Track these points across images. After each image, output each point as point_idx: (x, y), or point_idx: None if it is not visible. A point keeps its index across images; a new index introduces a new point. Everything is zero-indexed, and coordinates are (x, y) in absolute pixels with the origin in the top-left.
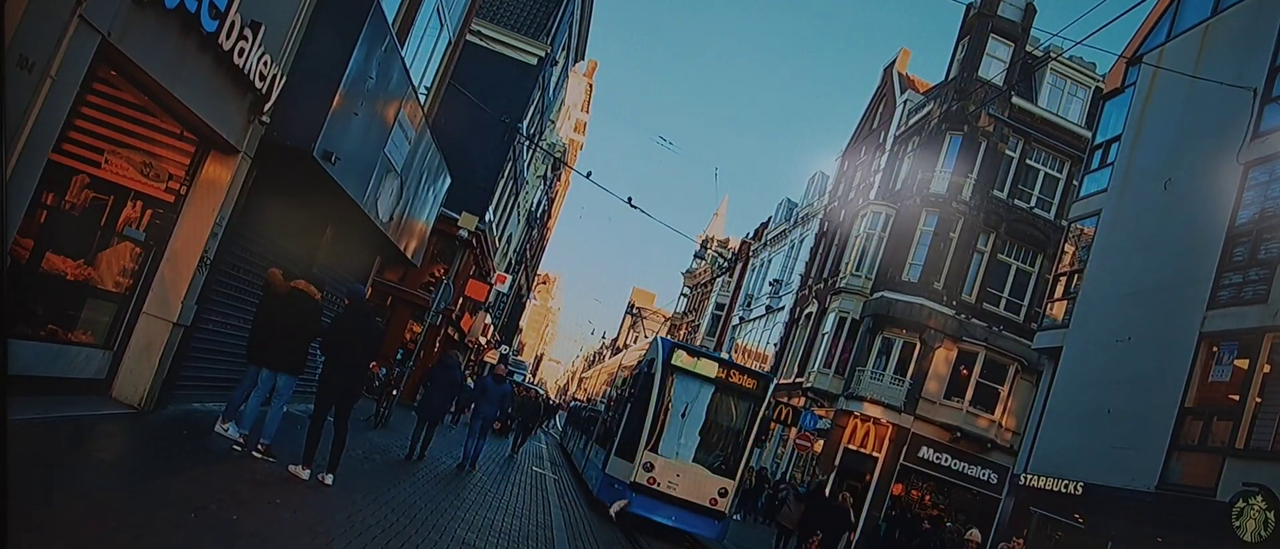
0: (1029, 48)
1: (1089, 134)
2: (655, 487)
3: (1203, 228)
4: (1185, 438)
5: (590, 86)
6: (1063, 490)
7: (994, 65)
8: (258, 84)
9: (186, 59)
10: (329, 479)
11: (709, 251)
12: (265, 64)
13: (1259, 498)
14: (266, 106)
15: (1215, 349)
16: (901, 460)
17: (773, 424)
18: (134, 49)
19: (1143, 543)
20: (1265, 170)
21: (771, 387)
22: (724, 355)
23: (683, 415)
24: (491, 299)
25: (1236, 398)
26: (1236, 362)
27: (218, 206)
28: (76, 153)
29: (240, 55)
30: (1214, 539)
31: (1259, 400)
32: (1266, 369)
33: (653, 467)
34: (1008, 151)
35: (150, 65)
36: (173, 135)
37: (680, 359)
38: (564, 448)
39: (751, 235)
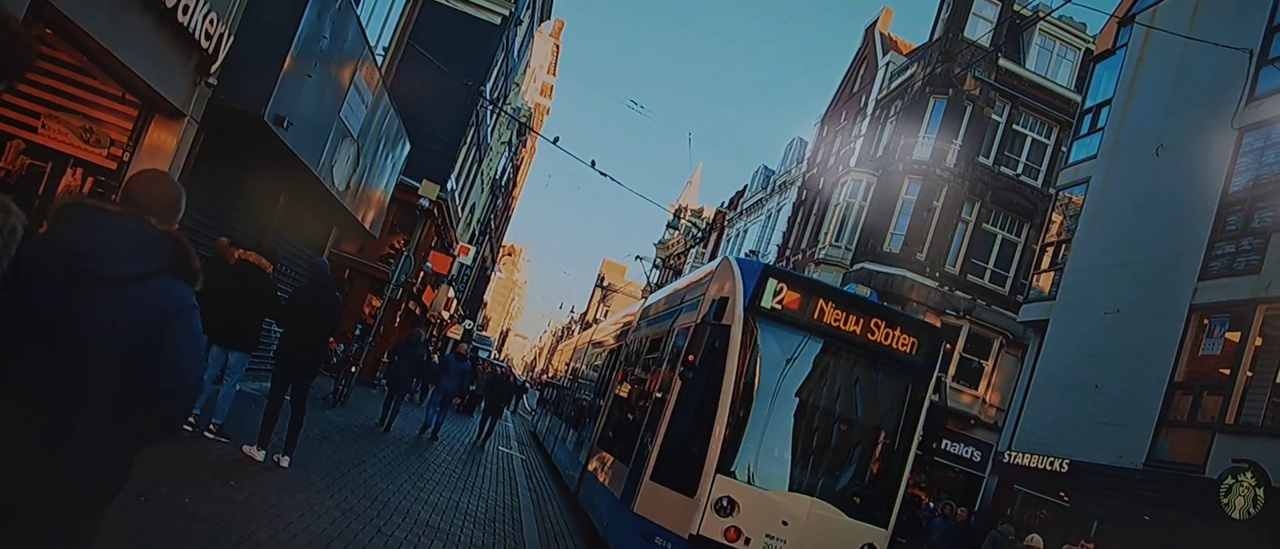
0: (1017, 7)
1: (1078, 98)
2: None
3: (1195, 196)
4: (1174, 413)
5: (557, 47)
6: (1048, 468)
7: (980, 25)
8: (204, 44)
9: (127, 16)
10: (285, 461)
11: (682, 221)
12: (211, 22)
13: (1248, 474)
14: (213, 68)
15: (1206, 322)
16: None
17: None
18: (70, 5)
19: (1129, 521)
20: (1260, 135)
21: (941, 353)
22: (861, 290)
23: (787, 407)
24: (454, 272)
25: (1227, 372)
26: (1228, 334)
27: None
28: (11, 117)
29: (184, 12)
30: (1202, 516)
31: (1250, 374)
32: (1258, 342)
33: (732, 506)
34: (994, 116)
35: (88, 23)
36: (114, 98)
37: (781, 296)
38: (535, 434)
39: (726, 204)
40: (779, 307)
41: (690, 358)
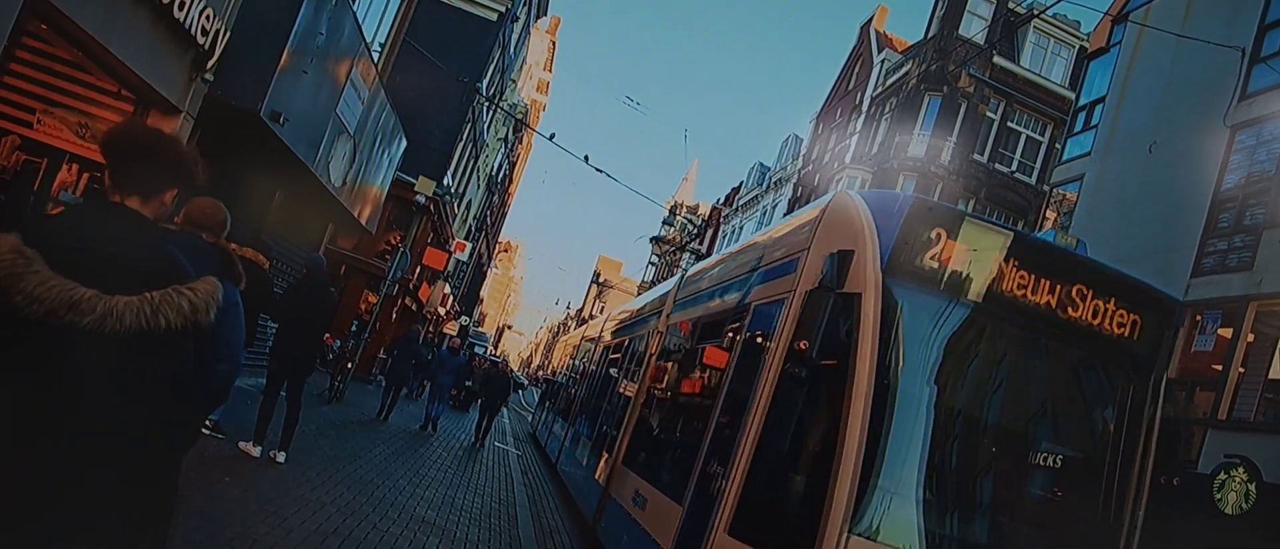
0: (1011, 5)
1: (1072, 95)
2: None
3: (1188, 193)
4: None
5: (553, 44)
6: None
7: (975, 23)
8: (200, 39)
9: (122, 11)
10: (281, 457)
11: (678, 217)
12: (207, 18)
13: (1241, 470)
14: (209, 64)
15: (1198, 318)
16: None
17: None
18: (66, 0)
19: None
20: (1252, 133)
21: (1172, 333)
22: (1063, 239)
23: (953, 425)
24: (451, 268)
25: (1219, 368)
26: (1220, 331)
27: None
28: (6, 112)
29: (180, 8)
30: (1195, 512)
31: (1242, 371)
32: (1250, 338)
33: None
34: (988, 113)
35: (83, 18)
36: (109, 94)
37: (939, 247)
38: (535, 437)
39: (722, 201)
40: (937, 264)
41: (800, 345)
